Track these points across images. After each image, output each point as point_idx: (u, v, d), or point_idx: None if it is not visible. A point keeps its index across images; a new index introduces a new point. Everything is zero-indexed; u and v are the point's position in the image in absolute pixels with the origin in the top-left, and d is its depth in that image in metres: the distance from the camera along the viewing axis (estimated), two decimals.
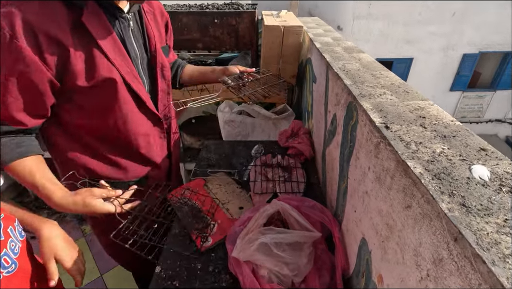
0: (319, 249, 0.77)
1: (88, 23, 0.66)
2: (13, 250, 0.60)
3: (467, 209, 0.34)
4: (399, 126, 0.53)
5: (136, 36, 0.80)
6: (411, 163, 0.43)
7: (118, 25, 0.74)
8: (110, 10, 0.71)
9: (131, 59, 0.77)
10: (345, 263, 0.72)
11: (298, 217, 0.78)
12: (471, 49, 5.44)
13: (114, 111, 0.76)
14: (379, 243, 0.52)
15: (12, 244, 0.60)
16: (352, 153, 0.69)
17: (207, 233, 0.85)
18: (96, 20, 0.68)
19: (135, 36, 0.79)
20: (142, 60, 0.82)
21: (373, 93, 0.68)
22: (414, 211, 0.41)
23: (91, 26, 0.67)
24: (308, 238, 0.74)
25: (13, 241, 0.61)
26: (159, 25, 0.89)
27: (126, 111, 0.78)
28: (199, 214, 0.91)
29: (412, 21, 5.17)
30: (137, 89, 0.78)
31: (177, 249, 0.83)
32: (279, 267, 0.69)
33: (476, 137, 0.49)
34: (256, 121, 1.57)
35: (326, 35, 1.39)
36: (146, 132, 0.87)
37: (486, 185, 0.38)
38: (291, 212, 0.79)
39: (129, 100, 0.78)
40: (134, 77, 0.77)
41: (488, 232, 0.31)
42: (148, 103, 0.82)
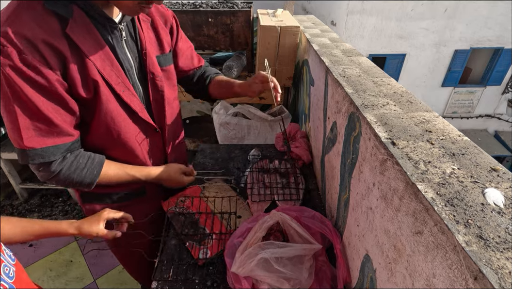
0: (320, 261, 0.76)
1: (73, 34, 0.63)
2: (8, 275, 0.59)
3: (485, 242, 0.33)
4: (406, 142, 0.51)
5: (130, 46, 0.76)
6: (421, 186, 0.41)
7: (109, 35, 0.70)
8: (99, 20, 0.67)
9: (124, 69, 0.73)
10: (347, 275, 0.71)
11: (298, 228, 0.76)
12: (462, 45, 5.48)
13: (107, 122, 0.74)
14: (385, 264, 0.51)
15: (6, 269, 0.59)
16: (354, 166, 0.67)
17: (204, 245, 0.83)
18: (84, 30, 0.65)
19: (128, 46, 0.75)
20: (137, 70, 0.78)
21: (376, 103, 0.66)
22: (426, 238, 0.39)
23: (76, 37, 0.63)
24: (309, 250, 0.72)
25: (6, 266, 0.59)
26: (160, 33, 0.84)
27: (119, 123, 0.75)
28: (196, 225, 0.89)
29: (405, 17, 5.17)
30: (129, 100, 0.75)
31: (174, 262, 0.81)
32: (280, 282, 0.67)
33: (485, 154, 0.48)
34: (252, 123, 1.54)
35: (323, 35, 1.36)
36: (142, 143, 0.83)
37: (501, 213, 0.36)
38: (290, 223, 0.78)
39: (121, 111, 0.75)
40: (125, 88, 0.73)
41: (510, 270, 0.30)
42: (141, 114, 0.78)
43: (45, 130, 0.65)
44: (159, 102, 0.85)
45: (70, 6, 0.62)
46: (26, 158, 0.66)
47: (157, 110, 0.85)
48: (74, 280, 1.76)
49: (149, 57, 0.80)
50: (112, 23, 0.70)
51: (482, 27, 5.31)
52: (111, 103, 0.72)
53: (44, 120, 0.64)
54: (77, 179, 0.74)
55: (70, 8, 0.62)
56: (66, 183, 0.73)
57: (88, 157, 0.75)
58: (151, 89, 0.82)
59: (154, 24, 0.83)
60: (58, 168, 0.70)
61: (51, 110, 0.65)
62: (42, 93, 0.62)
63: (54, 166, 0.69)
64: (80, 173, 0.73)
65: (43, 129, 0.65)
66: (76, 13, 0.63)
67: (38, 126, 0.64)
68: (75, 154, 0.73)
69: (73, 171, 0.72)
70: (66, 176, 0.72)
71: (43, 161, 0.67)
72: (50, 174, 0.70)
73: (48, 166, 0.69)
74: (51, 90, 0.63)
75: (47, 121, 0.65)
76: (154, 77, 0.82)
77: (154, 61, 0.81)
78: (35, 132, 0.64)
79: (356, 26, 5.26)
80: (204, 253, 0.81)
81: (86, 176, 0.75)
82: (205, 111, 2.22)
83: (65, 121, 0.68)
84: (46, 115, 0.64)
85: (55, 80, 0.63)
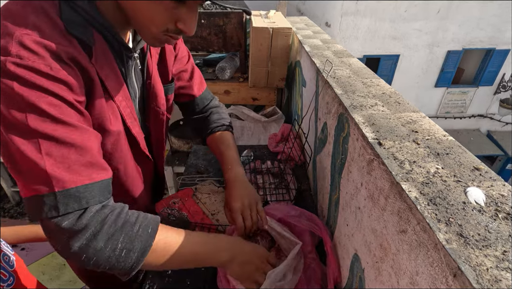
0: (309, 258, 0.76)
1: (97, 64, 0.53)
2: (8, 263, 0.59)
3: (465, 240, 0.33)
4: (392, 142, 0.52)
5: (138, 74, 0.68)
6: (405, 186, 0.42)
7: (123, 64, 0.62)
8: (115, 47, 0.58)
9: (130, 98, 0.66)
10: (338, 274, 0.71)
11: (279, 230, 0.77)
12: (455, 46, 5.55)
13: (114, 157, 0.64)
14: (372, 263, 0.51)
15: (5, 257, 0.59)
16: (344, 166, 0.68)
17: None
18: (104, 59, 0.55)
19: (137, 75, 0.67)
20: (139, 99, 0.71)
21: (364, 104, 0.67)
22: (409, 237, 0.40)
23: (99, 68, 0.54)
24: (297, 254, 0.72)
25: (5, 255, 0.60)
26: (167, 59, 0.77)
27: (124, 156, 0.67)
28: (188, 227, 0.89)
29: (398, 18, 5.23)
30: (135, 132, 0.67)
31: None
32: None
33: (469, 154, 0.49)
34: (245, 124, 1.54)
35: (315, 37, 1.37)
36: (138, 173, 0.76)
37: (482, 211, 0.37)
38: (272, 225, 0.78)
39: (126, 145, 0.67)
40: (134, 119, 0.66)
41: (488, 267, 0.30)
42: (141, 145, 0.72)
43: (77, 161, 0.47)
44: (157, 131, 0.79)
45: (90, 30, 0.52)
46: (51, 207, 0.45)
47: (155, 140, 0.80)
48: (67, 283, 1.74)
49: (154, 88, 0.72)
50: (128, 52, 0.61)
51: (474, 28, 5.38)
52: (121, 137, 0.64)
53: (76, 147, 0.47)
54: (124, 242, 0.49)
55: (90, 32, 0.52)
56: (104, 253, 0.48)
57: (138, 212, 0.55)
58: (152, 120, 0.76)
59: (163, 52, 0.76)
60: (97, 221, 0.47)
61: (82, 134, 0.49)
62: (70, 112, 0.48)
63: (89, 217, 0.47)
64: (129, 232, 0.50)
65: (74, 160, 0.47)
66: (97, 39, 0.53)
67: (68, 156, 0.46)
68: (120, 205, 0.53)
69: (120, 228, 0.49)
70: (110, 234, 0.48)
71: (79, 207, 0.46)
72: (83, 234, 0.46)
73: (80, 220, 0.46)
74: (78, 110, 0.49)
75: (80, 148, 0.47)
76: (156, 108, 0.75)
77: (159, 92, 0.74)
78: (63, 165, 0.45)
79: (350, 27, 5.31)
80: None
81: (137, 237, 0.51)
82: None
83: (98, 151, 0.52)
84: (77, 140, 0.47)
85: (83, 102, 0.51)
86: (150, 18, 0.51)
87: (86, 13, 0.50)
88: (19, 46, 0.43)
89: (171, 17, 0.52)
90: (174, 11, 0.51)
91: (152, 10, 0.50)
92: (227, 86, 1.67)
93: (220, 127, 0.97)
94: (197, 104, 0.95)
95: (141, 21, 0.53)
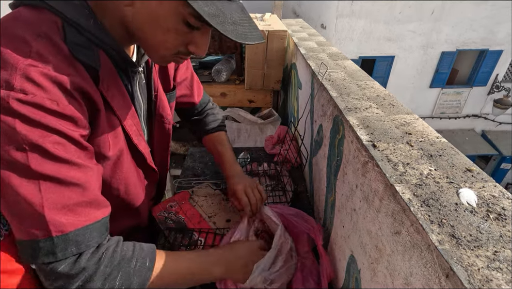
0: (306, 258, 0.76)
1: (104, 88, 0.51)
2: None
3: (457, 240, 0.34)
4: (386, 145, 0.53)
5: (143, 88, 0.66)
6: (399, 188, 0.42)
7: (128, 81, 0.60)
8: (120, 64, 0.56)
9: (136, 113, 0.64)
10: (331, 271, 0.71)
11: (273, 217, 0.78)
12: (448, 47, 5.61)
13: (119, 177, 0.62)
14: (368, 264, 0.52)
15: None
16: (339, 168, 0.68)
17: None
18: (111, 81, 0.53)
19: (141, 89, 0.65)
20: (144, 113, 0.70)
21: (359, 106, 0.68)
22: (403, 238, 0.40)
23: (106, 91, 0.52)
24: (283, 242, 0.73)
25: None
26: (167, 67, 0.76)
27: (130, 174, 0.66)
28: (185, 230, 0.89)
29: (393, 19, 5.28)
30: (142, 148, 0.65)
31: None
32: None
33: (461, 155, 0.50)
34: (242, 126, 1.55)
35: (310, 39, 1.39)
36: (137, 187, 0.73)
37: (474, 212, 0.38)
38: (267, 212, 0.79)
39: (132, 162, 0.66)
40: (139, 135, 0.64)
41: (479, 267, 0.31)
42: (148, 160, 0.70)
43: (77, 201, 0.45)
44: (163, 143, 0.79)
45: (96, 51, 0.49)
46: (48, 252, 0.42)
47: (160, 151, 0.79)
48: None
49: (160, 100, 0.71)
50: (133, 68, 0.59)
51: (467, 29, 5.45)
52: (124, 157, 0.61)
53: (78, 186, 0.45)
54: (122, 280, 0.48)
55: (96, 53, 0.49)
56: None
57: (133, 244, 0.53)
58: (157, 132, 0.75)
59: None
60: (93, 262, 0.46)
61: (86, 172, 0.47)
62: (74, 150, 0.45)
63: (86, 260, 0.45)
64: (126, 268, 0.49)
65: (75, 201, 0.45)
66: (102, 60, 0.51)
67: (69, 197, 0.44)
68: (114, 239, 0.51)
69: (117, 265, 0.48)
70: (107, 275, 0.47)
71: (77, 252, 0.44)
72: (79, 277, 0.45)
73: (77, 263, 0.44)
74: (83, 147, 0.47)
75: (82, 187, 0.46)
76: (163, 120, 0.74)
77: (165, 104, 0.74)
78: (63, 207, 0.43)
79: (345, 29, 5.34)
80: None
81: (135, 272, 0.50)
82: None
83: (99, 187, 0.51)
84: (81, 179, 0.46)
85: (87, 135, 0.49)
86: (162, 42, 0.50)
87: (91, 34, 0.48)
88: (24, 79, 0.40)
89: (183, 41, 0.51)
90: (187, 36, 0.50)
91: (165, 35, 0.49)
92: (224, 88, 1.68)
93: (216, 128, 1.01)
94: (196, 109, 0.98)
95: (152, 44, 0.51)
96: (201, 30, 0.51)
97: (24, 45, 0.41)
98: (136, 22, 0.49)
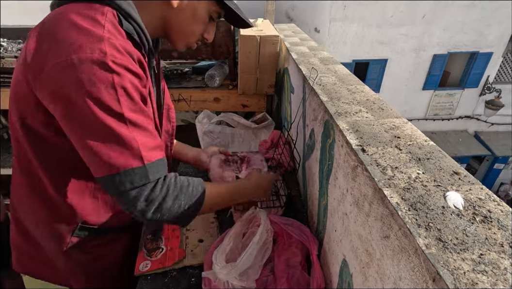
0: (297, 270, 0.75)
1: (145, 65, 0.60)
2: None
3: (444, 244, 0.34)
4: (375, 149, 0.53)
5: (155, 78, 0.74)
6: (387, 192, 0.42)
7: (150, 68, 0.68)
8: (147, 52, 0.64)
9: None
10: (321, 282, 0.70)
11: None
12: (440, 49, 5.69)
13: None
14: (360, 268, 0.52)
15: None
16: (331, 172, 0.68)
17: (151, 256, 0.81)
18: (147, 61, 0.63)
19: (153, 78, 0.73)
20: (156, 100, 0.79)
21: (349, 110, 0.68)
22: (392, 242, 0.40)
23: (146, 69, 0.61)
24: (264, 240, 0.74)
25: None
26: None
27: None
28: (157, 234, 0.88)
29: (385, 23, 5.34)
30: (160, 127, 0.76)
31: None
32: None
33: (449, 158, 0.50)
34: (235, 131, 1.55)
35: (302, 44, 1.40)
36: None
37: (460, 215, 0.38)
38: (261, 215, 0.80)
39: None
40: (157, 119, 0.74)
41: (465, 270, 0.31)
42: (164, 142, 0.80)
43: (153, 140, 0.57)
44: (169, 133, 0.85)
45: (141, 37, 0.60)
46: (142, 176, 0.54)
47: (166, 140, 0.85)
48: None
49: (166, 91, 0.80)
50: (152, 55, 0.68)
51: (458, 32, 5.54)
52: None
53: (149, 132, 0.57)
54: (185, 200, 0.61)
55: (142, 38, 0.60)
56: (173, 209, 0.60)
57: (186, 177, 0.65)
58: (165, 121, 0.82)
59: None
60: (165, 188, 0.58)
61: (152, 122, 0.60)
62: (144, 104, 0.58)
63: (160, 186, 0.57)
64: (186, 191, 0.62)
65: (151, 139, 0.57)
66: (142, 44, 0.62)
67: (146, 138, 0.56)
68: (172, 174, 0.63)
69: (180, 190, 0.61)
70: (174, 196, 0.59)
71: (159, 176, 0.57)
72: (156, 197, 0.57)
73: (154, 189, 0.57)
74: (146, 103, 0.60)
75: (150, 133, 0.58)
76: (169, 110, 0.83)
77: (168, 95, 0.83)
78: (144, 145, 0.55)
79: (339, 32, 5.40)
80: (145, 266, 0.79)
81: (194, 195, 0.63)
82: (190, 119, 2.21)
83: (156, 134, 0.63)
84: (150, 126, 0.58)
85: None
86: (193, 31, 0.67)
87: (137, 24, 0.58)
88: (111, 47, 0.51)
89: (204, 30, 0.69)
90: (206, 26, 0.69)
91: (195, 24, 0.66)
92: (217, 93, 1.68)
93: None
94: None
95: (185, 32, 0.66)
96: (213, 22, 0.70)
97: (98, 23, 0.52)
98: (179, 18, 0.63)
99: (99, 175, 0.54)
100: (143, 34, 0.60)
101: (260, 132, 1.56)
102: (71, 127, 0.53)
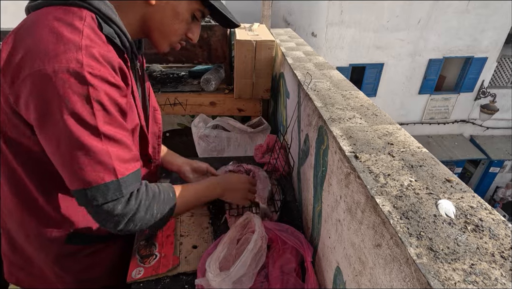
0: (291, 276, 0.75)
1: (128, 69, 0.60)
2: None
3: (435, 254, 0.34)
4: (368, 155, 0.53)
5: (139, 80, 0.74)
6: (379, 200, 0.42)
7: (133, 71, 0.67)
8: (129, 55, 0.63)
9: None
10: (315, 286, 0.70)
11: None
12: (436, 54, 5.75)
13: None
14: (353, 276, 0.51)
15: None
16: (325, 178, 0.68)
17: (144, 263, 0.80)
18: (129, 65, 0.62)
19: (138, 80, 0.72)
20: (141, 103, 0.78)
21: (343, 116, 0.68)
22: (384, 251, 0.40)
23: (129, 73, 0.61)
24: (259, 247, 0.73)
25: None
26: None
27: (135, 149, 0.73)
28: (151, 240, 0.87)
29: (381, 28, 5.40)
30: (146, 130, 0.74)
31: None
32: None
33: (441, 166, 0.50)
34: (231, 135, 1.54)
35: (298, 49, 1.40)
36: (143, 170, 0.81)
37: (452, 224, 0.38)
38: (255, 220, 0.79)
39: (137, 140, 0.73)
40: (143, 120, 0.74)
41: (456, 281, 0.31)
42: (150, 144, 0.78)
43: (127, 153, 0.57)
44: (156, 135, 0.84)
45: (123, 40, 0.59)
46: (115, 190, 0.54)
47: (153, 142, 0.83)
48: None
49: (151, 93, 0.80)
50: (135, 57, 0.67)
51: (453, 38, 5.60)
52: (136, 135, 0.70)
53: (125, 145, 0.57)
54: (157, 208, 0.62)
55: (123, 41, 0.59)
56: (146, 219, 0.60)
57: (155, 185, 0.66)
58: (151, 123, 0.80)
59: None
60: (138, 200, 0.59)
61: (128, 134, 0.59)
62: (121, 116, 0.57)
63: (134, 199, 0.58)
64: (159, 199, 0.63)
65: (126, 152, 0.57)
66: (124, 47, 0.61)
67: (120, 151, 0.55)
68: (143, 183, 0.63)
69: (152, 198, 0.62)
70: (147, 206, 0.60)
71: (132, 190, 0.57)
72: (129, 211, 0.57)
73: (128, 203, 0.57)
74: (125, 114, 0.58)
75: (126, 146, 0.57)
76: (155, 111, 0.82)
77: (154, 97, 0.82)
78: (118, 158, 0.55)
79: (335, 37, 5.44)
80: (137, 272, 0.78)
81: (166, 202, 0.65)
82: (186, 123, 2.20)
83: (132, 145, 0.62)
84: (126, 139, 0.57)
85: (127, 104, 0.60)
86: (175, 30, 0.64)
87: (117, 26, 0.57)
88: (89, 57, 0.49)
89: (187, 30, 0.67)
90: (189, 25, 0.66)
91: (177, 24, 0.64)
92: (213, 97, 1.68)
93: None
94: None
95: (167, 32, 0.64)
96: (197, 22, 0.68)
97: (75, 29, 0.50)
98: (159, 16, 0.61)
99: (72, 188, 0.54)
100: (125, 37, 0.59)
101: (256, 136, 1.56)
102: (45, 137, 0.52)
